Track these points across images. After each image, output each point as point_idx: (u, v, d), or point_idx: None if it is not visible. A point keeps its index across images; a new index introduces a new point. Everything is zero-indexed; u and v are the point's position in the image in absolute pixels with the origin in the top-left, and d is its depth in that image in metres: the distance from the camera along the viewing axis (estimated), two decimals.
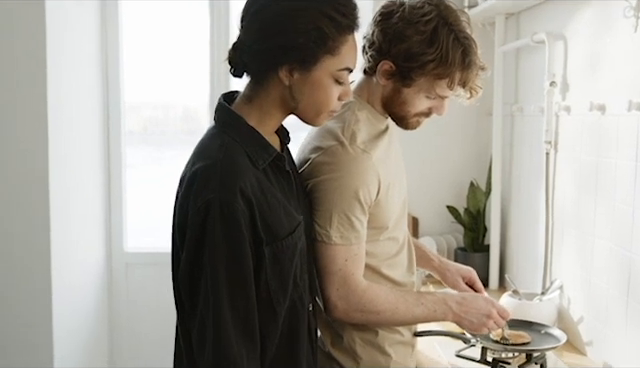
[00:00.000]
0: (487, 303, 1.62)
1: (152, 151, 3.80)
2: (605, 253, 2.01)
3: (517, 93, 2.86)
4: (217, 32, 3.54)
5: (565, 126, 2.32)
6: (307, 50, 1.28)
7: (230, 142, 1.30)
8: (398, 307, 1.51)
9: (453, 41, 1.49)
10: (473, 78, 1.55)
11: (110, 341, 3.59)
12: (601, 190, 2.04)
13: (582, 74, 2.21)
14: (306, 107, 1.35)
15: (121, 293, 3.59)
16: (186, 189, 1.27)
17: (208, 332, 1.23)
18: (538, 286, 2.45)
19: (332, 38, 1.29)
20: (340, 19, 1.29)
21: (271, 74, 1.32)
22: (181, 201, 1.29)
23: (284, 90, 1.33)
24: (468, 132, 3.24)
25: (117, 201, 3.57)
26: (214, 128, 1.37)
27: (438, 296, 1.60)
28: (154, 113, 3.88)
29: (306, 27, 1.27)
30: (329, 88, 1.33)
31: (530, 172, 2.66)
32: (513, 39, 2.83)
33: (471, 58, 1.52)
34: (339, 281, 1.45)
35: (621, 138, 1.92)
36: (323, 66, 1.31)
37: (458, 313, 1.57)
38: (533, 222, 2.60)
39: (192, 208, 1.23)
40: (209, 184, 1.23)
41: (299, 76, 1.31)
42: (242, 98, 1.38)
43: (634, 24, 1.83)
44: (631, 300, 1.85)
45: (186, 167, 1.34)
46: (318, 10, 1.27)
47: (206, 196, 1.22)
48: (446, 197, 3.23)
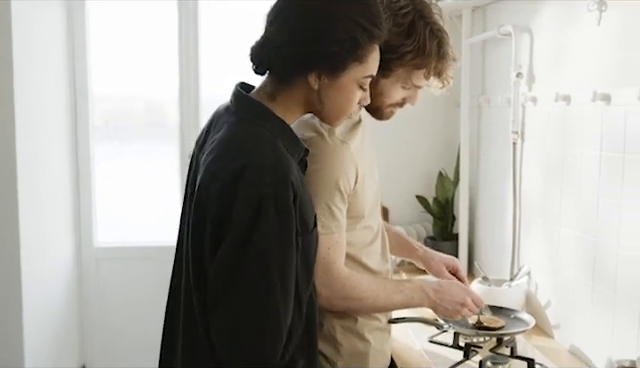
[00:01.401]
0: (462, 291, 1.68)
1: (114, 145, 3.77)
2: (571, 240, 2.07)
3: (484, 84, 2.92)
4: (186, 26, 3.53)
5: (531, 116, 2.38)
6: (339, 58, 1.31)
7: (268, 135, 1.31)
8: (379, 294, 1.56)
9: (429, 33, 1.55)
10: (447, 68, 1.62)
11: (81, 336, 3.57)
12: (567, 178, 2.11)
13: (548, 66, 2.27)
14: (330, 110, 1.39)
15: (91, 288, 3.57)
16: (231, 182, 1.22)
17: (259, 319, 1.22)
18: (506, 272, 2.52)
19: (362, 47, 1.32)
20: (372, 29, 1.32)
21: (299, 77, 1.33)
22: (222, 194, 1.24)
23: (311, 93, 1.35)
24: (436, 123, 3.30)
25: (86, 196, 3.55)
26: (243, 120, 1.34)
27: (416, 284, 1.66)
28: (115, 107, 3.85)
29: (341, 36, 1.29)
30: (353, 94, 1.38)
31: (497, 162, 2.72)
32: (480, 31, 2.89)
33: (445, 49, 1.59)
34: (322, 269, 1.48)
35: (586, 128, 1.98)
36: (350, 73, 1.34)
37: (434, 300, 1.64)
38: (501, 210, 2.67)
39: (242, 202, 1.21)
40: (263, 179, 1.22)
41: (327, 81, 1.33)
42: (263, 94, 1.38)
43: (597, 18, 1.89)
44: (596, 284, 1.92)
45: (215, 160, 1.28)
46: (353, 20, 1.29)
47: (261, 190, 1.21)
48: (415, 187, 3.28)
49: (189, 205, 1.37)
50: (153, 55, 3.62)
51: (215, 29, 3.62)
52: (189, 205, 1.37)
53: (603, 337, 1.87)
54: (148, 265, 3.61)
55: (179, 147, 3.61)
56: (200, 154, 1.39)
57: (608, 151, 1.86)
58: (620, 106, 1.79)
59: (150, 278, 3.60)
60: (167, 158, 3.72)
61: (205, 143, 1.39)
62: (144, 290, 3.59)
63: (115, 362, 3.60)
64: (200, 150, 1.40)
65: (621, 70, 1.81)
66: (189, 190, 1.40)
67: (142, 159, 3.82)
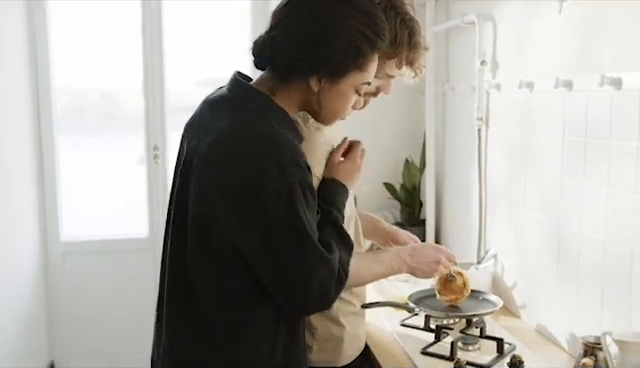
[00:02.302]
0: (435, 250, 1.77)
1: (77, 138, 3.71)
2: (536, 222, 2.14)
3: (448, 72, 2.97)
4: (150, 19, 3.50)
5: (496, 103, 2.44)
6: (341, 65, 1.35)
7: (276, 126, 1.36)
8: (360, 268, 1.60)
9: (400, 23, 1.58)
10: (419, 57, 1.65)
11: (49, 332, 3.54)
12: (531, 163, 2.17)
13: (511, 54, 2.32)
14: (327, 112, 1.44)
15: (58, 283, 3.54)
16: (253, 176, 1.28)
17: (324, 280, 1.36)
18: (473, 256, 2.58)
19: (364, 56, 1.36)
20: (375, 39, 1.36)
21: (300, 78, 1.37)
22: (244, 186, 1.29)
23: (310, 94, 1.39)
24: (402, 111, 3.34)
25: (51, 190, 3.51)
26: (251, 111, 1.37)
27: (392, 252, 1.73)
28: (76, 100, 3.79)
29: (345, 45, 1.33)
30: (349, 98, 1.43)
31: (463, 148, 2.78)
32: (443, 20, 2.94)
33: (417, 38, 1.62)
34: None
35: (548, 114, 2.04)
36: (350, 79, 1.39)
37: (411, 264, 1.70)
38: (467, 195, 2.73)
39: (271, 193, 1.28)
40: (286, 169, 1.29)
41: (327, 85, 1.38)
42: (264, 87, 1.41)
43: (559, 6, 1.94)
44: (560, 265, 1.99)
45: (225, 150, 1.33)
46: (358, 29, 1.33)
47: (287, 180, 1.29)
48: (382, 174, 3.33)
49: (180, 189, 1.41)
50: (115, 47, 3.58)
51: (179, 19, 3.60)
52: (180, 189, 1.41)
53: (568, 315, 1.94)
54: (115, 258, 3.60)
55: (144, 138, 3.59)
56: (193, 139, 1.41)
57: (570, 136, 1.92)
58: (581, 92, 1.85)
59: (118, 271, 3.59)
60: (129, 150, 3.70)
61: (200, 129, 1.41)
62: (112, 284, 3.58)
63: (84, 358, 3.58)
64: (194, 135, 1.42)
65: (582, 57, 1.87)
66: (179, 174, 1.43)
67: (104, 152, 3.78)
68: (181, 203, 1.40)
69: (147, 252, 3.56)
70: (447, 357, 1.85)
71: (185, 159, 1.43)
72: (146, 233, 3.62)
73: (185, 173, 1.40)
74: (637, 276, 1.64)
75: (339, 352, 1.69)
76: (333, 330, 1.67)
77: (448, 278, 1.98)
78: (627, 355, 1.56)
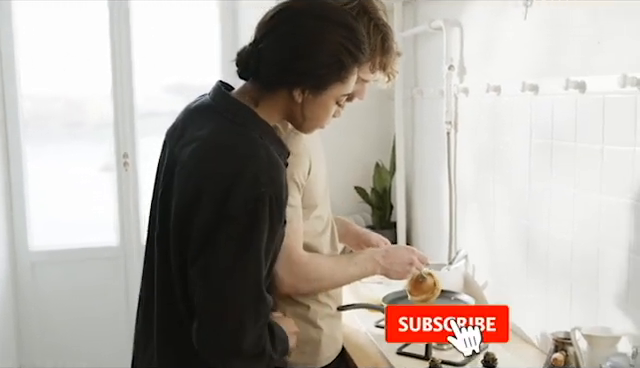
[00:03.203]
0: (408, 252, 1.80)
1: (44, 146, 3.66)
2: (505, 223, 2.19)
3: (417, 77, 3.02)
4: (117, 25, 3.48)
5: (464, 107, 2.49)
6: (325, 78, 1.38)
7: (258, 138, 1.37)
8: (336, 271, 1.64)
9: (373, 28, 1.61)
10: (392, 62, 1.68)
11: (18, 342, 3.48)
12: (499, 165, 2.22)
13: (478, 58, 2.38)
14: (309, 122, 1.47)
15: (28, 293, 3.48)
16: (228, 184, 1.30)
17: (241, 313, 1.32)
18: (444, 257, 2.62)
19: (347, 69, 1.40)
20: (357, 53, 1.40)
21: (284, 89, 1.40)
22: (218, 195, 1.30)
23: (293, 105, 1.42)
24: (372, 116, 3.38)
25: (19, 199, 3.45)
26: (233, 122, 1.39)
27: (366, 253, 1.76)
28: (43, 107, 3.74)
29: (329, 59, 1.37)
30: (331, 108, 1.46)
31: (432, 151, 2.83)
32: (411, 25, 2.99)
33: (389, 43, 1.65)
34: (284, 257, 1.53)
35: (516, 117, 2.10)
36: (332, 91, 1.42)
37: (385, 265, 1.73)
38: (437, 198, 2.77)
39: (239, 201, 1.29)
40: (259, 179, 1.30)
41: (310, 97, 1.40)
42: (247, 98, 1.43)
43: (524, 12, 2.00)
44: (530, 264, 2.04)
45: (206, 161, 1.34)
46: (342, 44, 1.37)
47: (258, 190, 1.30)
48: (353, 178, 3.36)
49: (162, 196, 1.42)
50: (81, 54, 3.54)
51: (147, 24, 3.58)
52: (162, 196, 1.42)
53: (538, 313, 1.99)
54: (85, 267, 3.56)
55: (114, 146, 3.56)
56: (176, 147, 1.42)
57: (537, 138, 1.98)
58: (547, 96, 1.91)
59: (88, 280, 3.55)
60: (97, 157, 3.67)
61: (182, 137, 1.43)
62: (82, 293, 3.54)
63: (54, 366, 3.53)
64: (176, 143, 1.44)
65: (547, 62, 1.93)
66: (162, 181, 1.45)
67: (69, 159, 3.74)
68: (165, 210, 1.41)
69: (118, 260, 3.54)
70: (422, 357, 1.88)
71: (167, 166, 1.45)
72: (116, 241, 3.59)
73: (167, 180, 1.42)
74: (603, 273, 1.70)
75: (317, 354, 1.71)
76: (311, 332, 1.69)
77: (419, 279, 2.01)
78: (596, 349, 1.62)
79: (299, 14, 1.39)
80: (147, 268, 1.50)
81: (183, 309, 1.38)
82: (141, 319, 1.53)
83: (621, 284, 1.64)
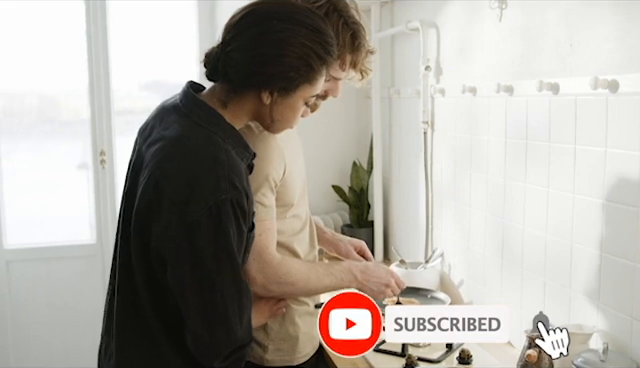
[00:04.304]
0: (387, 273, 1.78)
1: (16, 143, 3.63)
2: (481, 222, 2.23)
3: (394, 77, 3.05)
4: (94, 21, 3.46)
5: (440, 107, 2.52)
6: (293, 81, 1.39)
7: (221, 142, 1.38)
8: (310, 278, 1.63)
9: (342, 25, 1.61)
10: (362, 60, 1.68)
11: None
12: (475, 165, 2.26)
13: (454, 59, 2.41)
14: (277, 123, 1.48)
15: (2, 292, 3.45)
16: (187, 188, 1.31)
17: (225, 310, 1.35)
18: (421, 255, 2.66)
19: (315, 71, 1.41)
20: (325, 56, 1.42)
21: (252, 91, 1.41)
22: (179, 197, 1.31)
23: (261, 106, 1.43)
24: (349, 115, 3.41)
25: None
26: (197, 124, 1.40)
27: (344, 266, 1.74)
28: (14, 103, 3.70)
29: (297, 62, 1.38)
30: (299, 110, 1.48)
31: (409, 150, 2.86)
32: (388, 26, 3.01)
33: (360, 41, 1.65)
34: (255, 256, 1.54)
35: (491, 117, 2.13)
36: (300, 93, 1.43)
37: (361, 281, 1.72)
38: (414, 197, 2.80)
39: (201, 207, 1.30)
40: (220, 186, 1.31)
41: (279, 98, 1.42)
42: (214, 100, 1.44)
43: (499, 15, 2.04)
44: (505, 262, 2.08)
45: (167, 160, 1.35)
46: (310, 48, 1.38)
47: (219, 197, 1.31)
48: (331, 177, 3.38)
49: (127, 193, 1.44)
50: (58, 49, 3.52)
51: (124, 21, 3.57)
52: (127, 193, 1.44)
53: (513, 310, 2.01)
54: (62, 265, 3.53)
55: (90, 143, 3.54)
56: (144, 145, 1.44)
57: (512, 138, 2.01)
58: (522, 97, 1.94)
59: (65, 278, 3.53)
60: (72, 154, 3.65)
61: (150, 136, 1.44)
62: (59, 291, 3.52)
63: (29, 365, 3.50)
64: (144, 141, 1.45)
65: (522, 64, 1.96)
66: (128, 178, 1.46)
67: (44, 156, 3.71)
68: (128, 207, 1.43)
69: (95, 258, 3.52)
70: (399, 353, 1.91)
71: (134, 164, 1.47)
72: (93, 239, 3.57)
73: (133, 178, 1.44)
74: (576, 271, 1.74)
75: (295, 351, 1.73)
76: (289, 330, 1.70)
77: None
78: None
79: (267, 16, 1.39)
80: (112, 265, 1.51)
81: (144, 305, 1.40)
82: (105, 314, 1.54)
83: (593, 282, 1.68)
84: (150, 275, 1.39)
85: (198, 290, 1.34)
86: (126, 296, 1.43)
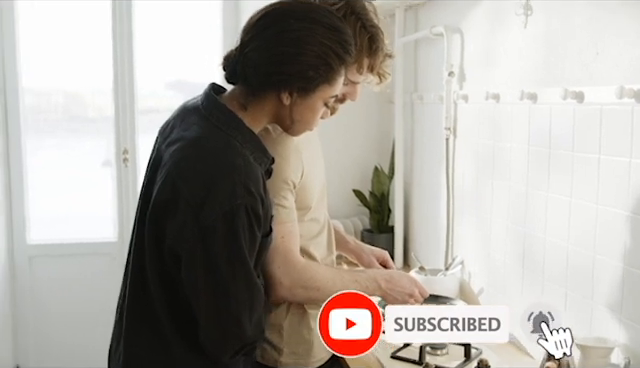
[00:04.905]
0: (411, 283, 1.77)
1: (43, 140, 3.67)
2: (502, 230, 2.20)
3: (417, 82, 3.03)
4: (120, 20, 3.49)
5: (463, 113, 2.50)
6: (313, 80, 1.39)
7: (239, 146, 1.38)
8: (335, 283, 1.62)
9: (360, 29, 1.59)
10: (380, 64, 1.66)
11: (14, 336, 3.50)
12: (497, 172, 2.23)
13: (478, 65, 2.39)
14: (298, 124, 1.47)
15: (25, 287, 3.50)
16: (203, 191, 1.32)
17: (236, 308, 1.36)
18: (441, 262, 2.63)
19: (334, 71, 1.41)
20: (344, 55, 1.41)
21: (272, 92, 1.41)
22: (195, 199, 1.32)
23: (281, 108, 1.43)
24: (371, 119, 3.40)
25: (18, 192, 3.47)
26: (216, 127, 1.40)
27: (369, 274, 1.74)
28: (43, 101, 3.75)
29: (316, 61, 1.37)
30: (319, 110, 1.47)
31: (431, 156, 2.84)
32: (412, 31, 2.99)
33: (377, 44, 1.63)
34: (280, 258, 1.54)
35: (514, 125, 2.11)
36: (320, 93, 1.43)
37: (385, 289, 1.71)
38: (435, 203, 2.78)
39: (215, 211, 1.31)
40: (236, 191, 1.32)
41: (298, 99, 1.41)
42: (234, 102, 1.44)
43: (524, 21, 2.01)
44: (526, 271, 2.05)
45: (185, 160, 1.36)
46: (329, 46, 1.38)
47: (234, 202, 1.31)
48: (352, 181, 3.37)
49: (145, 191, 1.44)
50: (83, 48, 3.56)
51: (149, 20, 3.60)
52: (145, 191, 1.44)
53: None
54: (83, 262, 3.57)
55: (114, 141, 3.57)
56: (163, 144, 1.44)
57: (535, 146, 1.98)
58: (546, 105, 1.92)
59: (86, 275, 3.57)
60: (96, 152, 3.68)
61: (170, 135, 1.45)
62: (80, 287, 3.55)
63: (49, 361, 3.54)
64: (164, 140, 1.45)
65: (546, 71, 1.94)
66: (146, 176, 1.47)
67: (69, 154, 3.76)
68: (145, 204, 1.44)
69: (116, 256, 3.55)
70: (416, 361, 1.89)
71: (154, 162, 1.47)
72: (115, 237, 3.60)
73: (151, 175, 1.45)
74: (598, 284, 1.71)
75: (310, 355, 1.71)
76: (304, 334, 1.69)
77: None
78: (588, 359, 1.63)
79: (285, 16, 1.39)
80: (127, 262, 1.52)
81: (155, 301, 1.41)
82: (117, 314, 1.55)
83: (615, 295, 1.65)
84: (163, 271, 1.40)
85: (212, 294, 1.35)
86: (137, 292, 1.44)
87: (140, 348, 1.45)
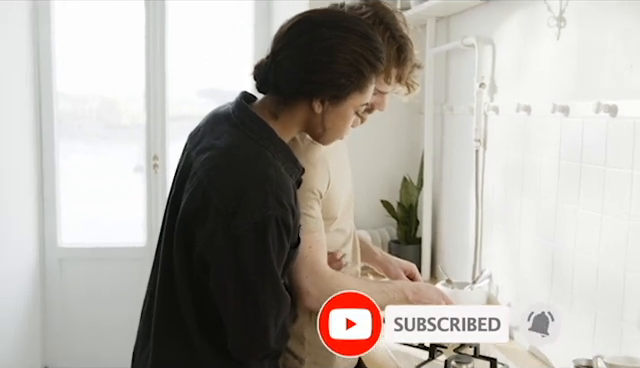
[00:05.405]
0: (438, 295, 1.75)
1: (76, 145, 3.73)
2: (530, 244, 2.16)
3: (447, 93, 3.01)
4: (153, 26, 3.54)
5: (493, 125, 2.47)
6: (344, 88, 1.40)
7: (271, 156, 1.39)
8: (363, 294, 1.61)
9: (388, 39, 1.59)
10: (408, 74, 1.66)
11: (43, 338, 3.54)
12: (527, 185, 2.20)
13: (509, 77, 2.36)
14: (329, 133, 1.47)
15: (55, 289, 3.55)
16: (235, 200, 1.32)
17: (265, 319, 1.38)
18: (468, 275, 2.60)
19: (366, 78, 1.41)
20: (375, 63, 1.41)
21: (303, 101, 1.41)
22: (225, 208, 1.33)
23: (313, 116, 1.43)
24: (401, 130, 3.38)
25: (50, 195, 3.53)
26: (248, 137, 1.40)
27: (396, 285, 1.73)
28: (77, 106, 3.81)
29: (348, 69, 1.38)
30: (350, 118, 1.47)
31: (460, 168, 2.81)
32: (443, 42, 2.97)
33: (406, 55, 1.63)
34: (307, 268, 1.54)
35: (545, 138, 2.08)
36: (351, 101, 1.43)
37: (412, 301, 1.70)
38: (463, 215, 2.75)
39: (247, 220, 1.32)
40: (267, 202, 1.32)
41: (330, 107, 1.42)
42: (265, 111, 1.45)
43: (557, 33, 1.99)
44: (554, 287, 2.01)
45: (216, 170, 1.37)
46: (360, 54, 1.38)
47: (265, 213, 1.32)
48: (380, 192, 3.36)
49: (174, 198, 1.45)
50: (118, 54, 3.62)
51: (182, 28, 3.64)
52: (174, 198, 1.45)
53: (561, 338, 1.96)
54: (112, 266, 3.61)
55: (144, 147, 3.61)
56: (193, 151, 1.45)
57: (566, 160, 1.95)
58: (578, 118, 1.88)
59: (114, 279, 3.60)
60: (128, 157, 3.73)
61: (200, 143, 1.45)
62: (108, 291, 3.59)
63: (78, 364, 3.58)
64: (194, 147, 1.46)
65: (578, 84, 1.91)
66: (175, 183, 1.48)
67: (101, 158, 3.81)
68: (173, 211, 1.44)
69: (144, 261, 3.57)
70: None
71: (182, 169, 1.48)
72: (144, 242, 3.64)
73: (181, 182, 1.45)
74: (629, 301, 1.67)
75: (331, 365, 1.70)
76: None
77: None
78: None
79: (316, 25, 1.39)
80: (153, 266, 1.53)
81: (184, 305, 1.42)
82: (143, 317, 1.55)
83: None
84: (192, 277, 1.41)
85: (240, 303, 1.36)
86: (166, 296, 1.45)
87: (170, 349, 1.46)
